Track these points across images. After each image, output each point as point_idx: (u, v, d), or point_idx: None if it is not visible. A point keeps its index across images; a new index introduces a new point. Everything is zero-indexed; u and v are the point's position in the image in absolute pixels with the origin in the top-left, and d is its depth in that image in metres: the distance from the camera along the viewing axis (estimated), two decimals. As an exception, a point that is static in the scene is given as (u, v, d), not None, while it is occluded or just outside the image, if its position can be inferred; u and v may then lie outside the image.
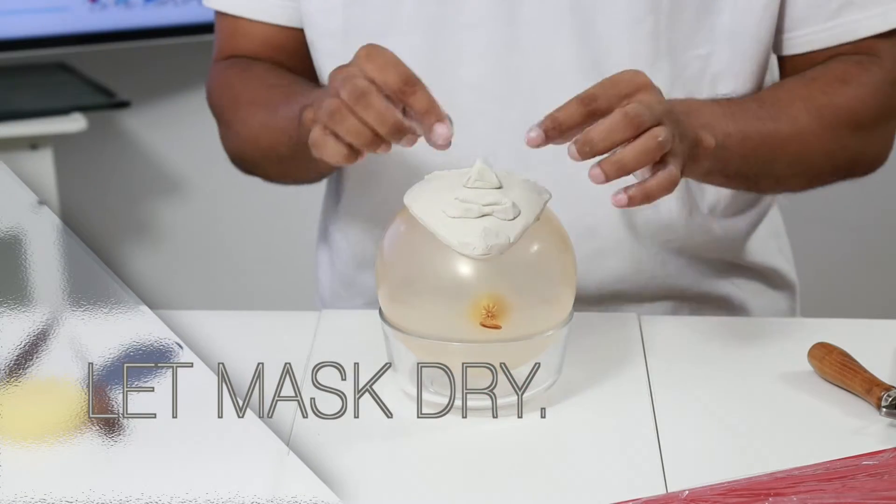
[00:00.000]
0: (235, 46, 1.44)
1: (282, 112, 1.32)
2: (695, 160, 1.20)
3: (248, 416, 1.07)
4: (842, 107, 1.34)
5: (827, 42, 1.36)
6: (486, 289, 1.11)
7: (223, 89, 1.44)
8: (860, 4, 1.35)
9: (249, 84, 1.40)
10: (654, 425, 1.13)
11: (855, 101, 1.35)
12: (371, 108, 1.13)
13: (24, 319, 1.12)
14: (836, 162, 1.37)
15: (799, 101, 1.33)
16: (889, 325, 1.31)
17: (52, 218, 1.21)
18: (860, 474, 1.03)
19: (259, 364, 1.08)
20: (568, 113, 1.12)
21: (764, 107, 1.31)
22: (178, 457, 1.06)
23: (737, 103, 1.30)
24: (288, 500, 1.01)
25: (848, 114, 1.35)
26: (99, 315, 1.12)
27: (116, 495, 1.00)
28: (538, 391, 1.15)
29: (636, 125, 1.11)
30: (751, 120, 1.29)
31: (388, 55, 1.16)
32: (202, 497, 1.00)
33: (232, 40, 1.45)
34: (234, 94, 1.41)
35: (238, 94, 1.41)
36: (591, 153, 1.11)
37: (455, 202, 1.11)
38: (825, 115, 1.33)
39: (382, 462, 1.08)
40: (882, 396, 1.12)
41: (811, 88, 1.34)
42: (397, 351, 1.16)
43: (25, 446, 1.05)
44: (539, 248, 1.13)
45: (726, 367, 1.23)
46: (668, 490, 1.04)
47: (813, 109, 1.33)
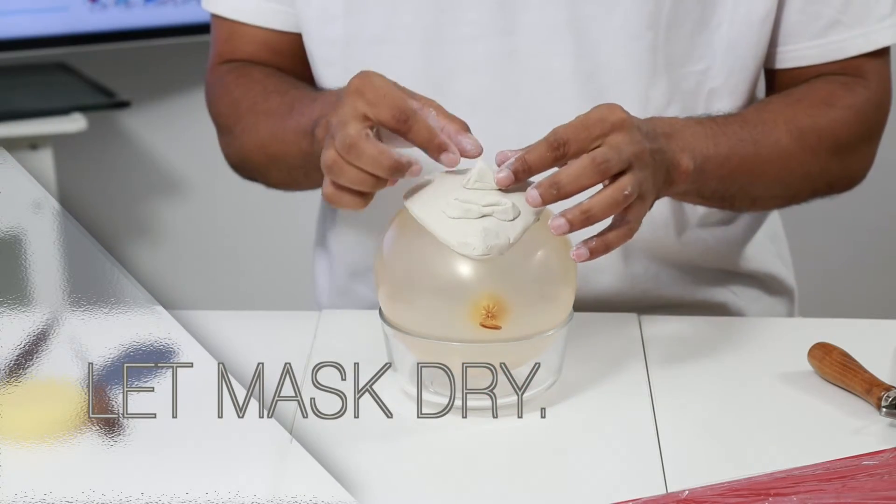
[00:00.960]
0: (233, 50, 1.44)
1: (290, 124, 1.32)
2: (670, 183, 1.20)
3: (248, 416, 1.07)
4: (825, 129, 1.35)
5: (814, 59, 1.37)
6: (486, 289, 1.11)
7: (223, 96, 1.43)
8: (847, 24, 1.35)
9: (250, 91, 1.40)
10: (654, 425, 1.13)
11: (838, 124, 1.35)
12: (364, 156, 1.12)
13: (24, 319, 1.12)
14: (815, 184, 1.38)
15: (782, 123, 1.33)
16: (889, 325, 1.31)
17: (52, 218, 1.21)
18: (860, 474, 1.03)
19: (259, 364, 1.08)
20: (538, 156, 1.12)
21: (746, 127, 1.31)
22: (178, 457, 1.06)
23: (720, 123, 1.30)
24: (288, 500, 1.01)
25: (830, 137, 1.35)
26: (99, 315, 1.12)
27: (116, 495, 1.00)
28: (538, 391, 1.15)
29: (603, 171, 1.11)
30: (733, 142, 1.29)
31: (379, 86, 1.15)
32: (202, 497, 1.00)
33: (229, 44, 1.44)
34: (235, 101, 1.41)
35: (239, 101, 1.40)
36: (556, 197, 1.11)
37: (455, 203, 1.11)
38: (808, 138, 1.33)
39: (382, 462, 1.08)
40: (882, 396, 1.12)
41: (796, 109, 1.34)
42: (397, 351, 1.16)
43: (25, 446, 1.05)
44: (539, 249, 1.13)
45: (726, 367, 1.23)
46: (668, 490, 1.04)
47: (795, 131, 1.33)
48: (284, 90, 1.37)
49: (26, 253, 1.18)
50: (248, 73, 1.42)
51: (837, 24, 1.35)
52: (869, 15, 1.35)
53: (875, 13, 1.35)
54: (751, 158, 1.30)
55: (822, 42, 1.36)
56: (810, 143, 1.34)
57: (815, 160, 1.35)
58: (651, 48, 1.32)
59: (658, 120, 1.24)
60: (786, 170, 1.33)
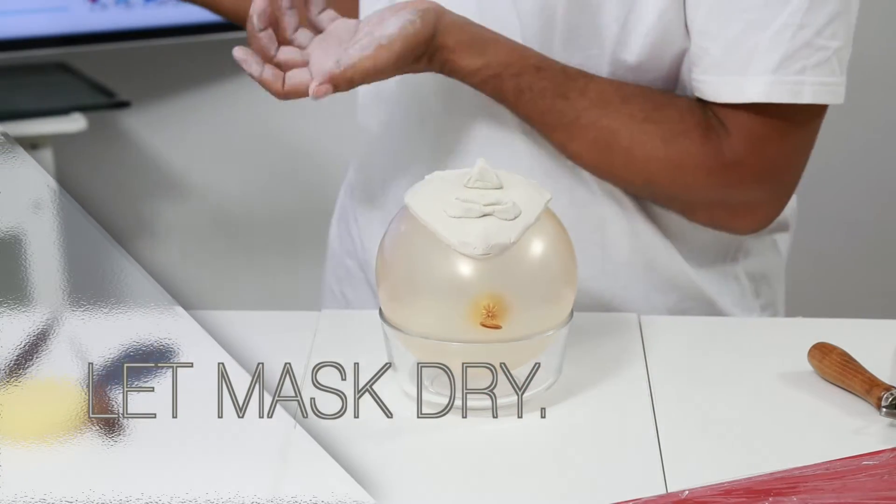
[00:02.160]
0: None
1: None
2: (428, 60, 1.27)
3: (248, 416, 1.07)
4: (636, 162, 1.30)
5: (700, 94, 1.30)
6: (486, 289, 1.11)
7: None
8: (726, 68, 1.27)
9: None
10: (654, 425, 1.13)
11: (654, 165, 1.30)
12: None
13: (24, 319, 1.12)
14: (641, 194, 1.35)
15: (596, 129, 1.30)
16: (889, 325, 1.31)
17: (52, 218, 1.21)
18: (860, 474, 1.03)
19: (259, 364, 1.08)
20: None
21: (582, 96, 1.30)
22: (178, 457, 1.06)
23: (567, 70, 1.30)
24: (288, 500, 1.01)
25: (640, 173, 1.31)
26: (99, 315, 1.12)
27: (116, 495, 1.00)
28: (538, 391, 1.15)
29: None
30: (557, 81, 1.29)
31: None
32: (202, 497, 1.00)
33: None
34: None
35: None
36: None
37: (456, 202, 1.11)
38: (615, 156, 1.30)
39: (382, 462, 1.08)
40: (882, 396, 1.12)
41: (632, 122, 1.29)
42: (397, 351, 1.16)
43: (25, 446, 1.05)
44: (539, 248, 1.13)
45: (726, 367, 1.23)
46: (668, 490, 1.04)
47: (603, 143, 1.30)
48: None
49: (26, 253, 1.18)
50: None
51: (718, 66, 1.27)
52: (749, 65, 1.26)
53: (756, 65, 1.26)
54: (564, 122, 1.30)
55: (702, 79, 1.29)
56: (613, 161, 1.31)
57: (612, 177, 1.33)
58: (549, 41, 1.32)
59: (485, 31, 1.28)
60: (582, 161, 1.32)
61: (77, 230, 1.20)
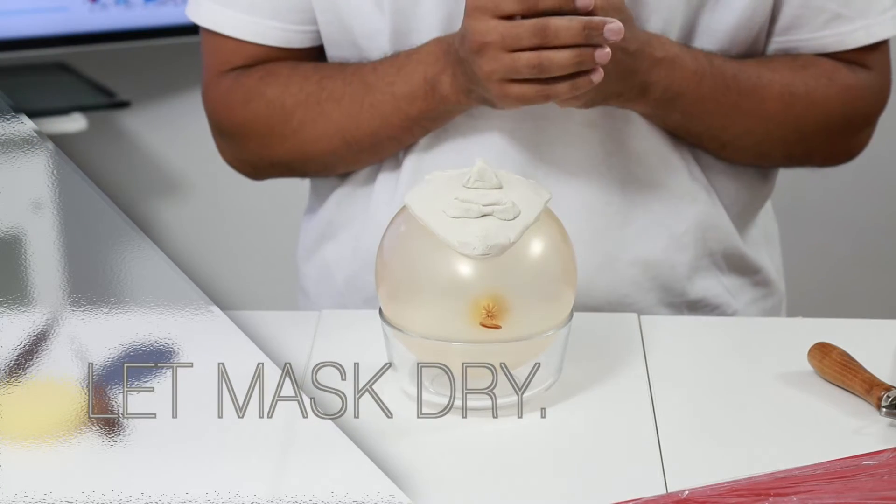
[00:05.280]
0: (240, 58, 1.41)
1: (381, 98, 1.32)
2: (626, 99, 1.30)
3: (248, 416, 1.07)
4: (818, 102, 1.38)
5: (811, 50, 1.39)
6: (486, 289, 1.11)
7: (249, 101, 1.39)
8: (848, 17, 1.38)
9: (293, 85, 1.37)
10: (654, 425, 1.13)
11: (832, 100, 1.39)
12: (560, 30, 1.20)
13: (24, 319, 1.12)
14: (790, 150, 1.41)
15: (777, 85, 1.36)
16: (889, 325, 1.31)
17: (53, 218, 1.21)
18: (860, 474, 1.03)
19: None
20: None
21: (738, 78, 1.35)
22: (178, 457, 1.06)
23: (715, 66, 1.34)
24: (288, 500, 1.01)
25: (821, 111, 1.38)
26: (99, 315, 1.12)
27: (116, 495, 1.00)
28: (538, 391, 1.15)
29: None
30: (717, 86, 1.34)
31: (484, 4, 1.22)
32: (202, 497, 1.00)
33: (236, 53, 1.41)
34: (273, 101, 1.37)
35: (281, 99, 1.37)
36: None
37: (455, 202, 1.11)
38: (797, 105, 1.37)
39: (382, 462, 1.08)
40: (882, 396, 1.12)
41: (796, 75, 1.38)
42: (397, 351, 1.16)
43: (25, 446, 1.05)
44: (539, 248, 1.13)
45: (726, 366, 1.23)
46: (668, 490, 1.04)
47: (787, 96, 1.37)
48: (336, 74, 1.35)
49: (26, 253, 1.18)
50: (274, 72, 1.38)
51: (839, 17, 1.38)
52: (870, 8, 1.38)
53: (876, 6, 1.39)
54: (728, 108, 1.35)
55: (821, 34, 1.39)
56: (797, 112, 1.37)
57: (796, 128, 1.38)
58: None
59: (656, 41, 1.30)
60: (762, 128, 1.37)
61: (77, 230, 1.20)
